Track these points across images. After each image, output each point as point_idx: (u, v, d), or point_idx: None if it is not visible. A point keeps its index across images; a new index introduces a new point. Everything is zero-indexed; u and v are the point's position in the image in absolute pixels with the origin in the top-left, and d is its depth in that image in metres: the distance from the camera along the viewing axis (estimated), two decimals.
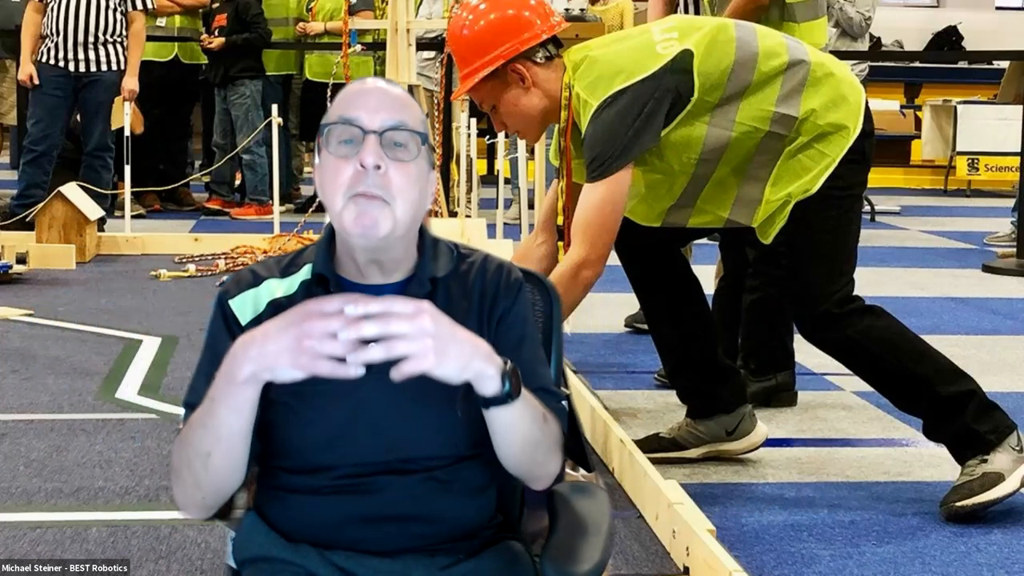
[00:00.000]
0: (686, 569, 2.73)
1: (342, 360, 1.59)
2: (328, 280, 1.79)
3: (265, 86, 9.12)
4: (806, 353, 3.97)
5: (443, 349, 1.62)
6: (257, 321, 1.79)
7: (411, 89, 6.83)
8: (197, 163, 9.96)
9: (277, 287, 1.82)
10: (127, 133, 7.47)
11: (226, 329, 1.80)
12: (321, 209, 1.85)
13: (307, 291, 1.80)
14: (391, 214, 1.73)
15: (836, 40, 8.87)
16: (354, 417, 1.76)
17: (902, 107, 13.08)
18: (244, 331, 1.78)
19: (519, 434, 1.75)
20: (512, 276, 1.87)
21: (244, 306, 1.81)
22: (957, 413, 3.15)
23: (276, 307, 1.79)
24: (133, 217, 7.65)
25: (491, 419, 1.72)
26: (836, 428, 4.01)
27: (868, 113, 3.23)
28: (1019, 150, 7.68)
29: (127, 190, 7.45)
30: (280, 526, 1.80)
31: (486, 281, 1.84)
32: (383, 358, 1.58)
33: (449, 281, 1.83)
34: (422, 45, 8.36)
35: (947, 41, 15.36)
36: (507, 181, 7.84)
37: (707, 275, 4.36)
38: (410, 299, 1.63)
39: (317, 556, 1.76)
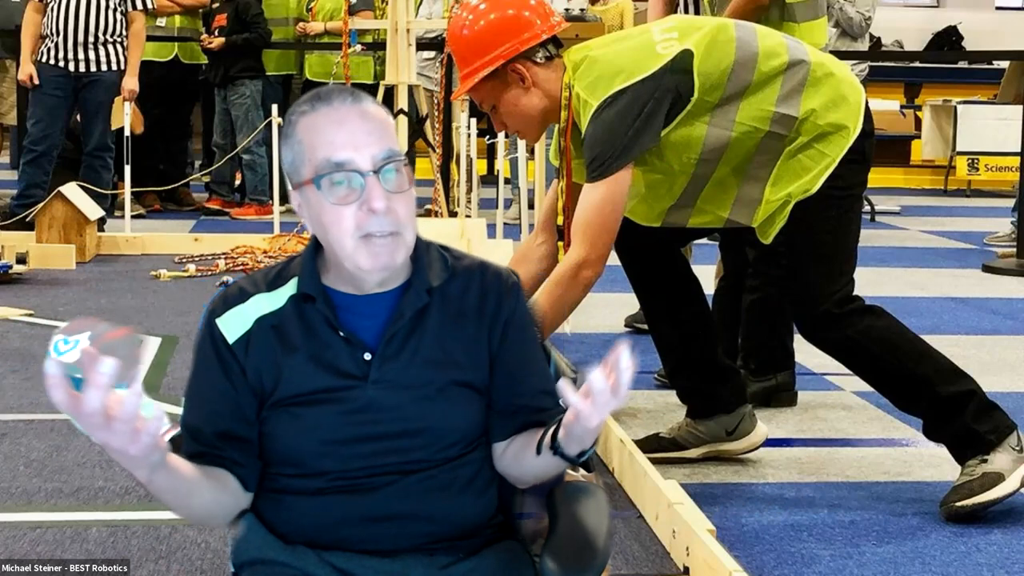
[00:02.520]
0: (686, 569, 2.73)
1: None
2: (314, 298, 1.79)
3: (265, 86, 9.12)
4: (806, 353, 3.97)
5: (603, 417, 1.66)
6: (246, 339, 1.78)
7: (411, 89, 6.84)
8: (197, 163, 9.96)
9: (264, 302, 1.80)
10: (127, 133, 7.46)
11: (213, 350, 1.79)
12: None
13: (295, 305, 1.80)
14: (403, 244, 1.74)
15: (836, 40, 8.87)
16: (353, 426, 1.76)
17: (902, 107, 13.08)
18: (231, 350, 1.78)
19: (551, 472, 1.81)
20: (510, 280, 1.88)
21: (231, 325, 1.79)
22: (957, 413, 3.15)
23: (265, 324, 1.79)
24: (133, 217, 7.65)
25: (543, 457, 1.76)
26: (836, 428, 4.01)
27: (868, 113, 3.23)
28: (1019, 150, 7.68)
29: (127, 190, 7.44)
30: (277, 528, 1.80)
31: (486, 286, 1.85)
32: None
33: (444, 287, 1.83)
34: (422, 45, 8.37)
35: (947, 41, 15.36)
36: (507, 181, 7.84)
37: (707, 275, 4.36)
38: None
39: (315, 557, 1.76)
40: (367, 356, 1.77)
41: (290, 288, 1.81)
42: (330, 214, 1.73)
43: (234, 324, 1.79)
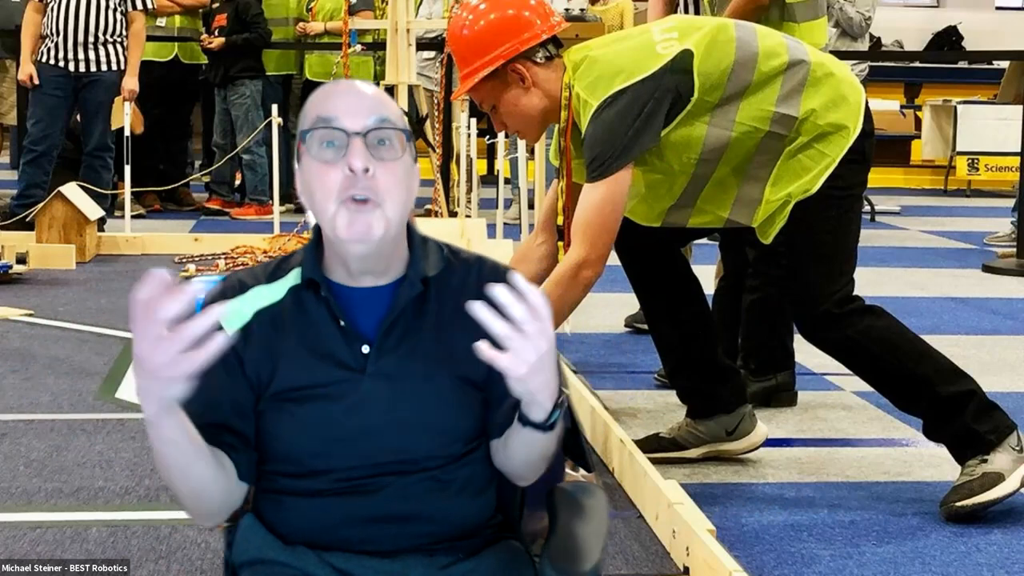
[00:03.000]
0: (686, 569, 2.73)
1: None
2: (319, 284, 1.79)
3: (265, 86, 9.12)
4: (806, 353, 3.97)
5: (539, 367, 1.62)
6: (244, 332, 1.78)
7: (411, 89, 6.84)
8: (197, 163, 9.97)
9: (263, 295, 1.80)
10: (127, 133, 7.47)
11: None
12: None
13: (295, 296, 1.79)
14: (383, 216, 1.73)
15: (836, 40, 8.87)
16: (351, 420, 1.76)
17: (902, 107, 13.08)
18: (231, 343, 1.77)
19: (535, 452, 1.77)
20: (508, 275, 1.87)
21: (230, 316, 1.79)
22: (957, 413, 3.15)
23: (262, 316, 1.78)
24: (133, 217, 7.65)
25: (517, 432, 1.74)
26: (836, 428, 4.01)
27: (868, 113, 3.23)
28: (1019, 150, 7.68)
29: (127, 190, 7.45)
30: (277, 528, 1.80)
31: (484, 280, 1.84)
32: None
33: (441, 280, 1.82)
34: (422, 45, 8.37)
35: (947, 41, 15.36)
36: (507, 181, 7.84)
37: (707, 275, 4.36)
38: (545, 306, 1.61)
39: (314, 558, 1.76)
40: (365, 349, 1.77)
41: (290, 279, 1.81)
42: (314, 173, 1.74)
43: (232, 316, 1.79)
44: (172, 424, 1.63)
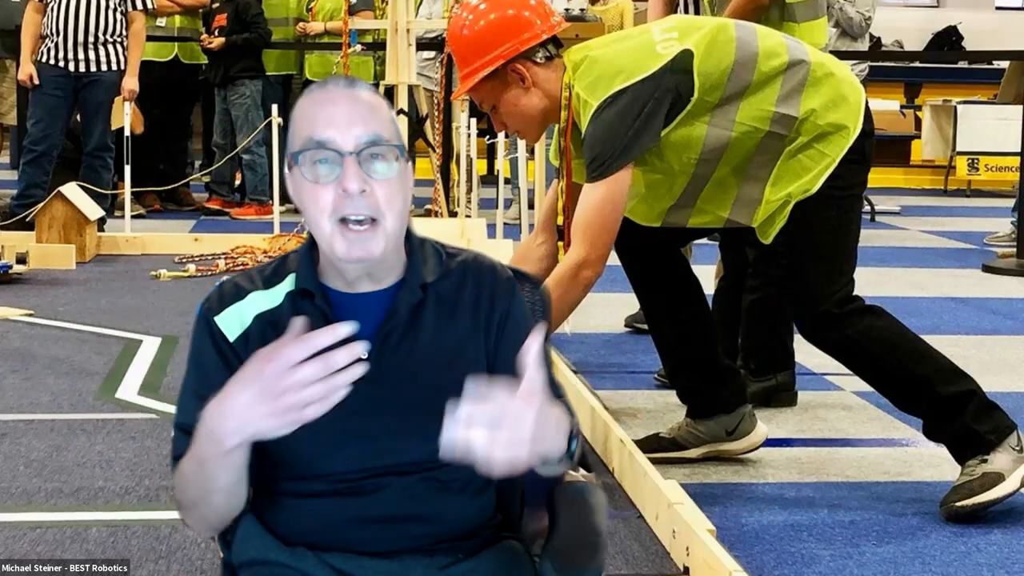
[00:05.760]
0: (686, 569, 2.73)
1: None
2: (313, 294, 1.78)
3: (265, 86, 9.12)
4: (806, 353, 3.97)
5: (540, 438, 1.59)
6: (245, 337, 1.77)
7: (411, 89, 6.84)
8: (197, 163, 9.96)
9: (262, 300, 1.79)
10: (127, 133, 7.47)
11: (214, 348, 1.78)
12: None
13: (292, 302, 1.79)
14: (383, 232, 1.72)
15: (836, 40, 8.87)
16: (352, 425, 1.75)
17: (902, 107, 13.08)
18: (232, 348, 1.77)
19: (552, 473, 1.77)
20: (505, 276, 1.87)
21: (230, 322, 1.78)
22: (957, 413, 3.15)
23: (263, 321, 1.78)
24: (133, 217, 7.65)
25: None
26: (836, 428, 4.01)
27: (868, 113, 3.23)
28: (1019, 150, 7.68)
29: (127, 190, 7.45)
30: (276, 529, 1.80)
31: (481, 283, 1.84)
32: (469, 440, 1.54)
33: (439, 284, 1.82)
34: (422, 45, 8.37)
35: (947, 41, 15.36)
36: (507, 181, 7.84)
37: (707, 275, 4.36)
38: (529, 394, 1.57)
39: (314, 559, 1.76)
40: (364, 355, 1.76)
41: (287, 285, 1.80)
42: (309, 193, 1.73)
43: (233, 322, 1.79)
44: (241, 453, 1.66)
